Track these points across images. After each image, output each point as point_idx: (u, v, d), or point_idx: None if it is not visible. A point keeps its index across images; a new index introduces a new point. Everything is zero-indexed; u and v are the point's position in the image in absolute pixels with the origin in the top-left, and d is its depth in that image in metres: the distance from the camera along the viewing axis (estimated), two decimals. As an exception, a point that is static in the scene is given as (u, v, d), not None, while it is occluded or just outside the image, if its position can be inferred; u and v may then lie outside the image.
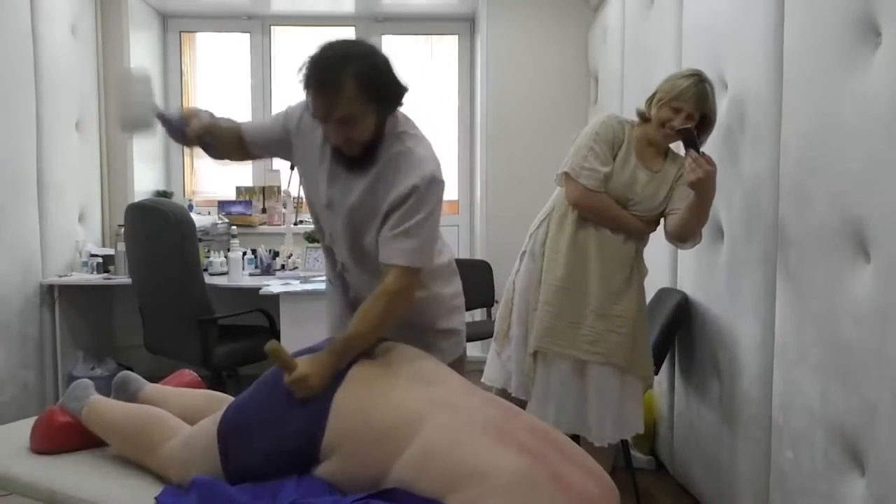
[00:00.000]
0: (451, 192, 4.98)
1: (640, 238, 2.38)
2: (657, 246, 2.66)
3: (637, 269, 2.36)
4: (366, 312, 1.65)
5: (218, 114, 1.89)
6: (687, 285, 2.79)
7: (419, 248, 1.67)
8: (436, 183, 1.70)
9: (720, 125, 2.45)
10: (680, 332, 2.75)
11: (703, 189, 2.11)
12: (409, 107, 1.86)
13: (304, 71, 1.59)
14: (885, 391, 1.59)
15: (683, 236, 2.27)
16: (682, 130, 2.20)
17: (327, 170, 1.76)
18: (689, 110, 2.23)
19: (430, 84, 5.10)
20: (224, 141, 1.86)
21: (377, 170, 1.71)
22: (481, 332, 3.53)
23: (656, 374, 2.72)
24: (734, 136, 2.35)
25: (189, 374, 2.18)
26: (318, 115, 1.62)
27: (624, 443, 2.75)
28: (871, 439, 1.65)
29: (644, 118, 2.34)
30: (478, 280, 4.11)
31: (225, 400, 1.75)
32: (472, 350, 2.73)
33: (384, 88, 1.64)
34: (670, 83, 2.27)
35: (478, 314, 4.39)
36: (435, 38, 5.12)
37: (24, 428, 1.93)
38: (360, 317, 1.65)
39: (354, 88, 1.56)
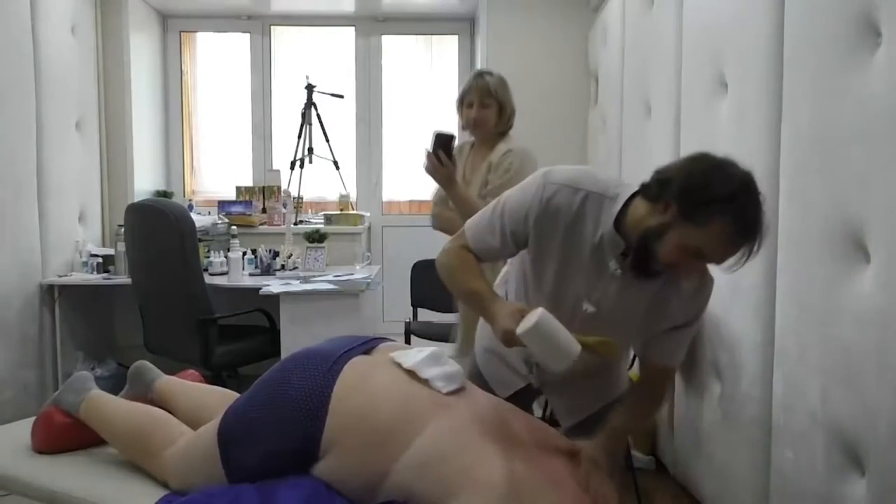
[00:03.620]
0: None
1: None
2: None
3: None
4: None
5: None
6: (687, 285, 2.78)
7: None
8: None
9: (720, 124, 2.45)
10: (680, 332, 2.75)
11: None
12: (409, 107, 1.86)
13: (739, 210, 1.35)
14: (886, 392, 1.59)
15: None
16: (437, 134, 2.43)
17: None
18: (477, 101, 2.57)
19: (430, 84, 5.10)
20: None
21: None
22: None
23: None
24: (734, 136, 2.35)
25: (193, 374, 2.18)
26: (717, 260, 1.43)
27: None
28: (871, 440, 1.65)
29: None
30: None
31: (235, 397, 1.75)
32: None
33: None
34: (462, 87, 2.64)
35: (478, 314, 4.39)
36: (435, 38, 5.12)
37: (24, 428, 1.93)
38: None
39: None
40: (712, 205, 1.33)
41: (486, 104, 2.57)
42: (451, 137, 2.47)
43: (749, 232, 1.35)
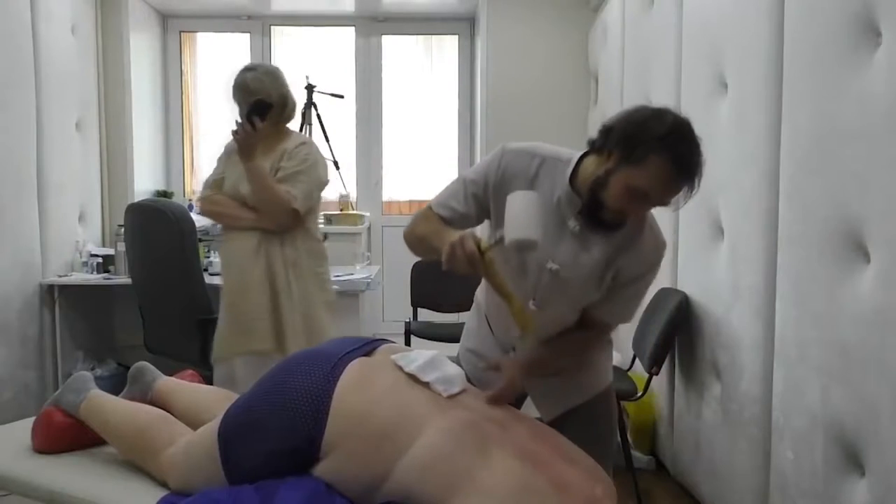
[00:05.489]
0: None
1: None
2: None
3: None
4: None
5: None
6: (687, 285, 2.79)
7: None
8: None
9: (720, 124, 2.45)
10: (680, 332, 2.75)
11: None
12: (409, 107, 1.82)
13: (669, 142, 1.40)
14: (886, 391, 1.59)
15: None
16: (257, 101, 2.48)
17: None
18: (240, 100, 2.56)
19: (430, 84, 5.10)
20: None
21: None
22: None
23: (657, 374, 2.73)
24: (734, 136, 2.35)
25: (192, 374, 2.18)
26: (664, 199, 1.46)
27: (624, 443, 2.75)
28: (871, 440, 1.65)
29: None
30: (477, 281, 4.11)
31: (234, 398, 1.75)
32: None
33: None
34: None
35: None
36: (435, 38, 5.12)
37: (24, 428, 1.93)
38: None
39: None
40: (648, 144, 1.40)
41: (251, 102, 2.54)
42: (269, 107, 2.48)
43: (685, 168, 1.41)
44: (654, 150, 1.39)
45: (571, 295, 1.62)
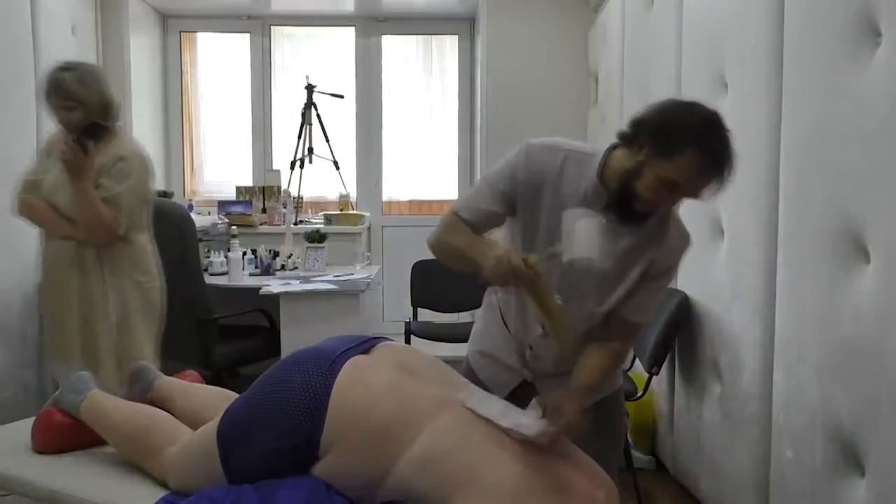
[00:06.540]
0: (450, 192, 4.99)
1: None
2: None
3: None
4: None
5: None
6: (687, 285, 2.79)
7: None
8: None
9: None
10: (680, 331, 2.75)
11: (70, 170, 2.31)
12: (409, 107, 1.80)
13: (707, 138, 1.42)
14: (886, 391, 1.59)
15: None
16: (92, 123, 2.36)
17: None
18: (56, 103, 2.38)
19: (430, 84, 5.10)
20: None
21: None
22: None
23: (657, 373, 2.73)
24: (734, 135, 2.35)
25: (192, 375, 2.18)
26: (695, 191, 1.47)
27: (624, 443, 2.75)
28: (871, 439, 1.65)
29: None
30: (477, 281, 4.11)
31: (234, 398, 1.75)
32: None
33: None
34: None
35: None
36: (435, 38, 5.12)
37: (24, 428, 1.93)
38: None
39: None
40: (681, 137, 1.41)
41: (69, 107, 2.37)
42: (103, 129, 2.39)
43: (717, 161, 1.43)
44: (688, 143, 1.40)
45: (598, 288, 1.61)
